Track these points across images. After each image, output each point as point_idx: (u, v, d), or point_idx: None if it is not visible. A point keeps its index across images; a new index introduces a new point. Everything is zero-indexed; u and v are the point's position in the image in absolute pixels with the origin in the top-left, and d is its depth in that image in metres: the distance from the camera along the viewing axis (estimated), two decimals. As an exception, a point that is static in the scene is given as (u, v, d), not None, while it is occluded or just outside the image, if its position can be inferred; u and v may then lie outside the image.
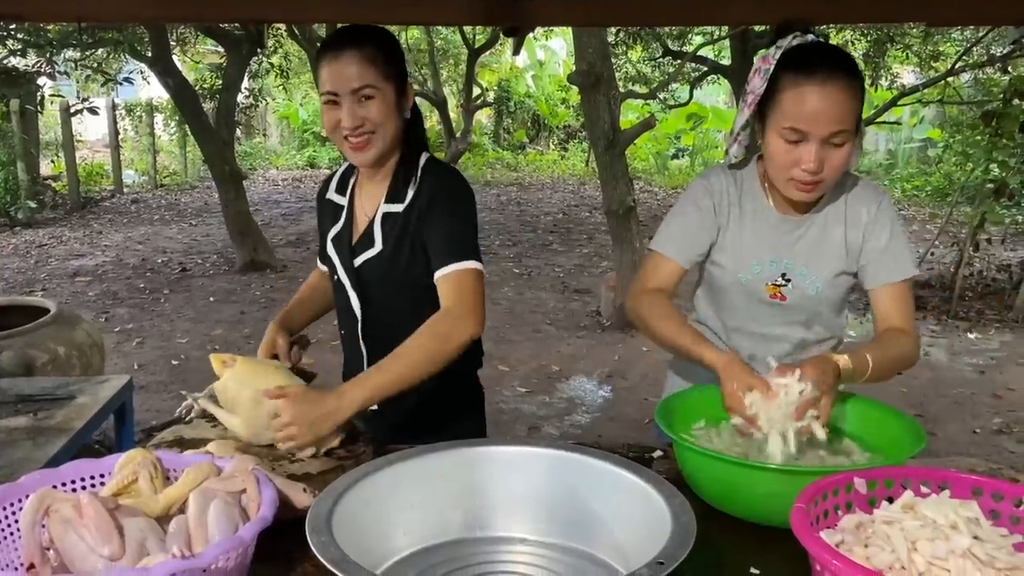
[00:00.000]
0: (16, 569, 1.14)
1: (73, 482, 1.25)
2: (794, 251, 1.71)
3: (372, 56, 1.67)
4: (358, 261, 1.81)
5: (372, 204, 1.83)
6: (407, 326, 1.64)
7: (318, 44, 10.52)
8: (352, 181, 1.90)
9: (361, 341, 1.87)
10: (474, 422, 1.98)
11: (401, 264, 1.77)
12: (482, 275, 1.71)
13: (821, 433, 1.43)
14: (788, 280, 1.72)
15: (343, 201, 1.90)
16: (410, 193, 1.76)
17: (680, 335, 1.62)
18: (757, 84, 1.60)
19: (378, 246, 1.78)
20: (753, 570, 1.23)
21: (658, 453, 1.66)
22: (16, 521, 1.15)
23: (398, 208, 1.77)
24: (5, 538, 1.16)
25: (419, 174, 1.77)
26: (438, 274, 1.69)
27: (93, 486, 1.25)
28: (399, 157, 1.79)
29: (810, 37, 1.59)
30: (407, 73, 1.76)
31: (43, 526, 1.10)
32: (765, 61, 1.59)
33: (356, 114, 1.68)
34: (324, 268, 2.02)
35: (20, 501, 1.17)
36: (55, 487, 1.21)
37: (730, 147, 1.73)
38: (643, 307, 1.71)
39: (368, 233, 1.80)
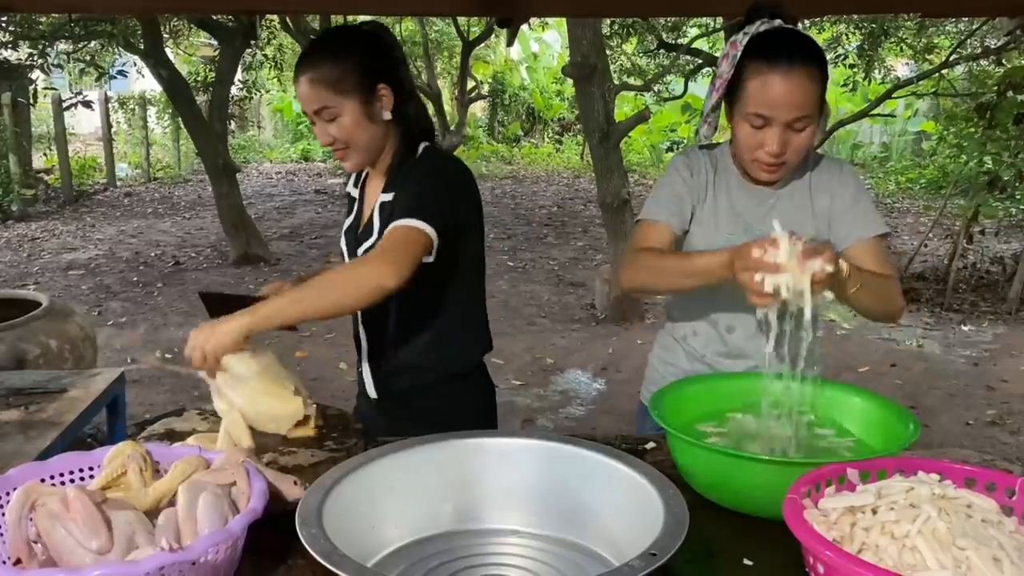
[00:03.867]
0: (3, 563, 1.13)
1: (62, 475, 1.24)
2: (766, 221, 1.71)
3: (326, 76, 1.67)
4: (360, 250, 1.86)
5: (374, 195, 1.87)
6: (398, 310, 1.74)
7: (311, 36, 10.54)
8: (364, 174, 1.94)
9: (361, 329, 1.90)
10: (485, 419, 1.98)
11: None
12: (421, 234, 1.63)
13: (831, 268, 1.37)
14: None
15: (356, 193, 1.95)
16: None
17: (681, 262, 1.64)
18: (725, 69, 1.66)
19: (375, 235, 1.82)
20: (746, 561, 1.23)
21: (651, 445, 1.65)
22: (3, 515, 1.14)
23: (390, 196, 1.81)
24: (-8, 532, 1.15)
25: (413, 163, 1.81)
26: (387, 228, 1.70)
27: (82, 479, 1.25)
28: (396, 150, 1.81)
29: (777, 22, 1.63)
30: (386, 73, 1.73)
31: (30, 520, 1.09)
32: (733, 46, 1.64)
33: (325, 132, 1.72)
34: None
35: (8, 495, 1.16)
36: (43, 480, 1.20)
37: (700, 129, 1.79)
38: (636, 263, 1.71)
39: (369, 223, 1.85)
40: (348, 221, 1.94)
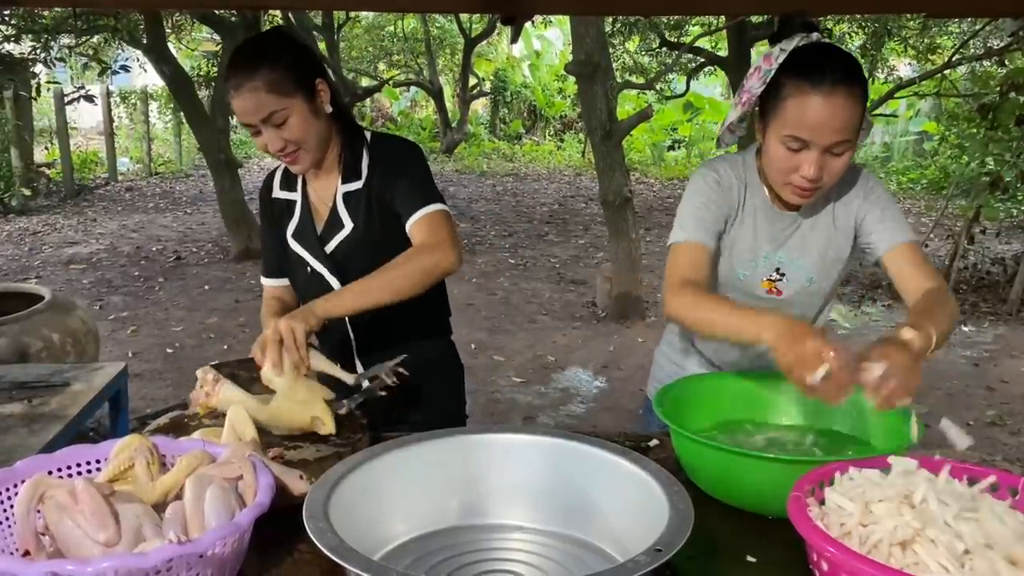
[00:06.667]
0: (11, 555, 1.13)
1: (69, 468, 1.24)
2: (788, 245, 1.71)
3: (267, 81, 1.66)
4: (330, 247, 1.85)
5: (328, 190, 1.87)
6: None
7: (314, 32, 10.49)
8: (300, 177, 1.91)
9: (348, 324, 1.90)
10: (456, 397, 2.03)
11: (375, 235, 1.81)
12: (450, 215, 1.78)
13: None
14: (783, 274, 1.72)
15: (295, 196, 1.92)
16: (365, 168, 1.82)
17: (730, 316, 1.47)
18: (755, 83, 1.58)
19: (348, 225, 1.83)
20: (750, 558, 1.24)
21: (655, 442, 1.66)
22: (11, 507, 1.15)
23: (357, 185, 1.82)
24: (0, 524, 1.16)
25: (368, 149, 1.83)
26: (409, 222, 1.76)
27: (89, 472, 1.25)
28: (341, 142, 1.84)
29: (815, 36, 1.56)
30: (317, 69, 1.76)
31: (38, 512, 1.10)
32: (767, 61, 1.57)
33: (277, 138, 1.71)
34: (274, 283, 2.01)
35: (15, 487, 1.16)
36: (50, 473, 1.21)
37: (722, 136, 1.74)
38: (685, 305, 1.56)
39: (333, 217, 1.85)
40: (294, 225, 1.90)
